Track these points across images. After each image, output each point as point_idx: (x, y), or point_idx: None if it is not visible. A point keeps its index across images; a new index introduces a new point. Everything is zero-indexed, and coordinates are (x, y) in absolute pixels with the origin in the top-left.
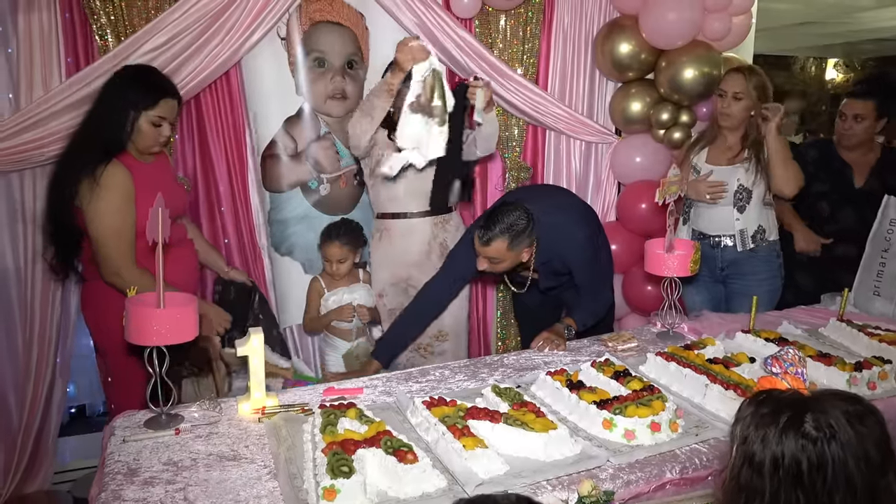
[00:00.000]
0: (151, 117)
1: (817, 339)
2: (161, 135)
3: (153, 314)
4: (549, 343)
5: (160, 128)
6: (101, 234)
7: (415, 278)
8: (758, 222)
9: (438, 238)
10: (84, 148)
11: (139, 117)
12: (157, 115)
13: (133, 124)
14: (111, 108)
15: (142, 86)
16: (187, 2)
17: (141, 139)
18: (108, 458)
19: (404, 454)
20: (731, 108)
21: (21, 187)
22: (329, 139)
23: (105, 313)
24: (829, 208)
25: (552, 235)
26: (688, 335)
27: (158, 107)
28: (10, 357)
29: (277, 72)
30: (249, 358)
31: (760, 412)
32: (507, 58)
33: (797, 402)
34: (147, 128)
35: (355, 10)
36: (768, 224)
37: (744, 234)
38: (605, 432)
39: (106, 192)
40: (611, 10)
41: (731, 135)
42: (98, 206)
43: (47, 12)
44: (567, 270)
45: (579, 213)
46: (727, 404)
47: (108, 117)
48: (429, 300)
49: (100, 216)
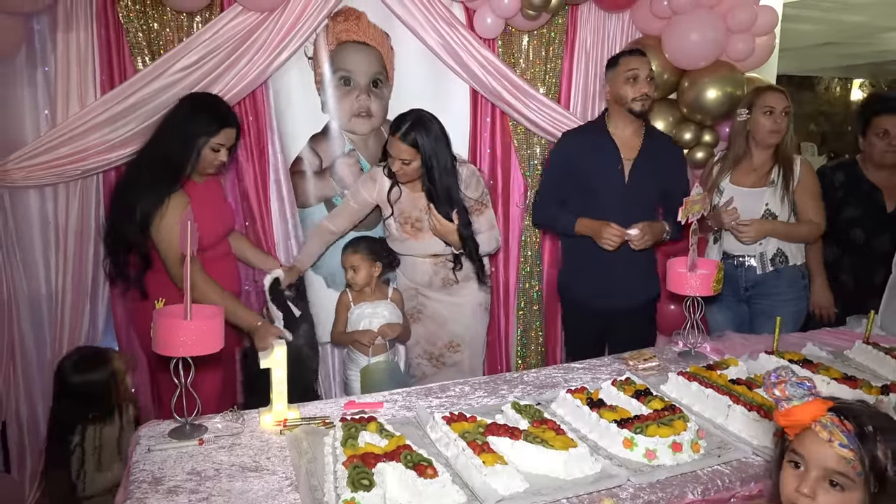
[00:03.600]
0: (213, 144)
1: (843, 361)
2: (217, 159)
3: (180, 325)
4: (645, 231)
5: (218, 153)
6: (169, 255)
7: (423, 289)
8: (777, 245)
9: (440, 274)
10: (151, 174)
11: (203, 146)
12: (217, 143)
13: (200, 151)
14: (178, 136)
15: (206, 114)
16: (218, 22)
17: (200, 163)
18: (134, 467)
19: (424, 469)
20: (783, 123)
21: (55, 201)
22: (354, 156)
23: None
24: (864, 236)
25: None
26: (710, 355)
27: (220, 135)
28: (39, 369)
29: (304, 90)
30: (272, 370)
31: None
32: (530, 77)
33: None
34: (207, 153)
35: (381, 30)
36: (790, 248)
37: (763, 257)
38: (626, 451)
39: (169, 215)
40: (633, 31)
41: (763, 153)
42: (162, 228)
43: (84, 32)
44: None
45: None
46: (750, 426)
47: (174, 144)
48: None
49: (165, 239)
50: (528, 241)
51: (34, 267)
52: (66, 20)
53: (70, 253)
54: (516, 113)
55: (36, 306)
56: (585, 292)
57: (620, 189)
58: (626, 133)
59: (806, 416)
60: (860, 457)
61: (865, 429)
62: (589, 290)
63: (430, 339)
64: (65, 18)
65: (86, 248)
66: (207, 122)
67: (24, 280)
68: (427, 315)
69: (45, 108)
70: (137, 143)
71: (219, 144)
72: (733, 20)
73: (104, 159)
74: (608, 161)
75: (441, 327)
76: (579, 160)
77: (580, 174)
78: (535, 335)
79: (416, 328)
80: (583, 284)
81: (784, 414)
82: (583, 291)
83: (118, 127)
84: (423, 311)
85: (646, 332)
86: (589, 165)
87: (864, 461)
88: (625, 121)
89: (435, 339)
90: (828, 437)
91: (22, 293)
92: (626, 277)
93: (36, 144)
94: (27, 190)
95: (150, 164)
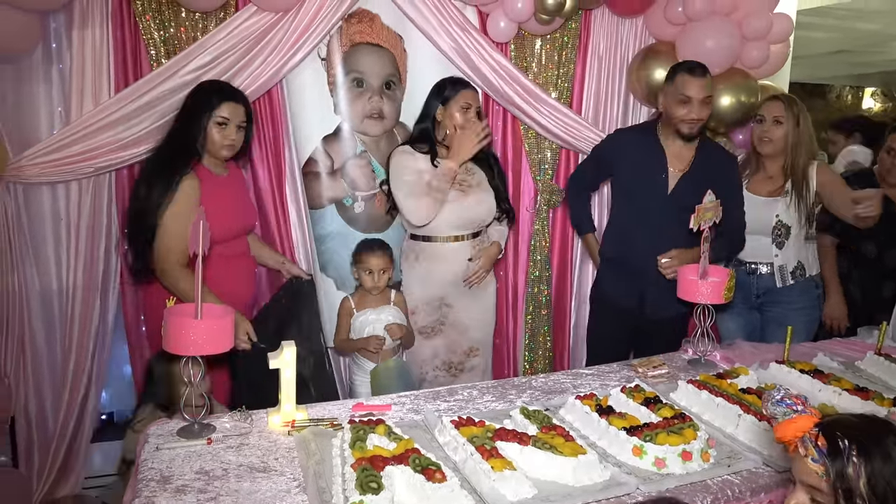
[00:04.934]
0: (217, 118)
1: (854, 372)
2: (226, 138)
3: (190, 325)
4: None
5: (224, 129)
6: (163, 233)
7: (450, 296)
8: (797, 258)
9: (475, 259)
10: (163, 161)
11: (208, 122)
12: (221, 116)
13: (204, 130)
14: (184, 117)
15: (208, 90)
16: (232, 22)
17: (210, 143)
18: (142, 465)
19: (433, 473)
20: (771, 132)
21: (67, 198)
22: (365, 157)
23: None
24: (876, 250)
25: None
26: (720, 363)
27: (223, 107)
28: (49, 365)
29: (317, 91)
30: (281, 371)
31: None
32: (542, 81)
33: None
34: (212, 130)
35: (394, 32)
36: (808, 260)
37: (783, 270)
38: (635, 459)
39: (176, 201)
40: (646, 37)
41: (772, 164)
42: (167, 211)
43: (100, 30)
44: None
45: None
46: (760, 436)
47: (182, 126)
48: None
49: (167, 220)
50: (538, 246)
51: (46, 263)
52: (82, 18)
53: (81, 249)
54: (527, 118)
55: (47, 302)
56: (619, 300)
57: (662, 198)
58: (677, 144)
59: (790, 432)
60: (827, 471)
61: (840, 443)
62: (623, 298)
63: (451, 347)
64: (81, 17)
65: (97, 245)
66: (208, 96)
67: (36, 276)
68: (449, 325)
69: (60, 106)
70: (150, 141)
71: (223, 118)
72: (748, 27)
73: (116, 157)
74: (653, 168)
75: (462, 335)
76: (624, 160)
77: (622, 174)
78: (542, 340)
79: (435, 340)
80: (617, 292)
81: (775, 430)
82: (616, 299)
83: (131, 125)
84: (446, 321)
85: (676, 345)
86: (633, 168)
87: (831, 476)
88: (674, 134)
89: (455, 348)
90: (804, 453)
91: (33, 289)
92: (660, 288)
93: (49, 141)
94: (40, 186)
95: (161, 150)
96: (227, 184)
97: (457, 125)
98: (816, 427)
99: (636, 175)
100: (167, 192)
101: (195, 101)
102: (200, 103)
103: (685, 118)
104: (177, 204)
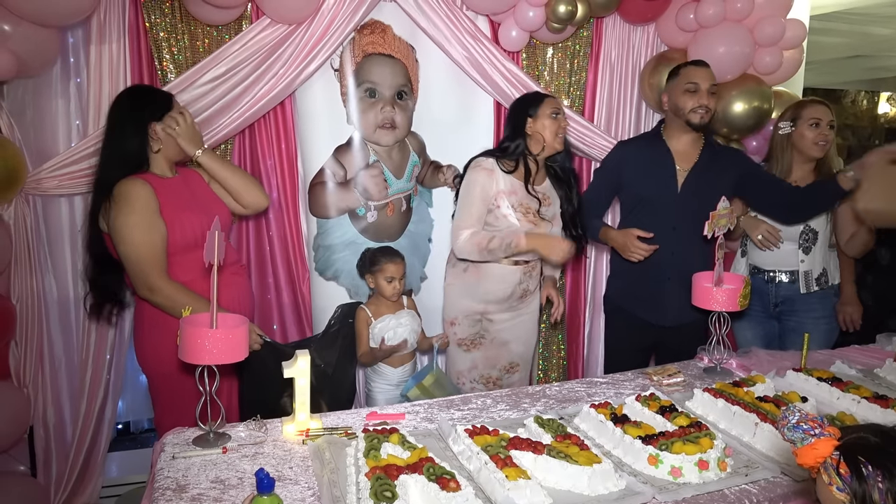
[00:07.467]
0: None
1: (873, 379)
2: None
3: (206, 334)
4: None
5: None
6: (129, 250)
7: (491, 313)
8: (822, 265)
9: (523, 284)
10: (104, 173)
11: (154, 128)
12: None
13: (149, 138)
14: (119, 131)
15: (141, 100)
16: (246, 35)
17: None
18: (158, 474)
19: (447, 482)
20: (830, 135)
21: (85, 210)
22: (378, 167)
23: (150, 332)
24: (888, 255)
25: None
26: (736, 372)
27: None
28: (68, 375)
29: (329, 102)
30: (295, 379)
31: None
32: (554, 89)
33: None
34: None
35: (406, 42)
36: (831, 268)
37: (808, 276)
38: (651, 468)
39: (126, 206)
40: (658, 44)
41: (804, 167)
42: (119, 223)
43: (117, 44)
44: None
45: None
46: (778, 445)
47: (121, 136)
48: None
49: (123, 233)
50: None
51: (63, 273)
52: (99, 33)
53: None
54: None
55: (64, 311)
56: (635, 306)
57: (672, 198)
58: (683, 143)
59: (811, 458)
60: (852, 501)
61: (864, 470)
62: (639, 304)
63: (490, 362)
64: (98, 31)
65: None
66: (148, 103)
67: (54, 286)
68: (489, 339)
69: (77, 119)
70: None
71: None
72: (761, 34)
73: None
74: (661, 170)
75: (501, 348)
76: (631, 169)
77: (632, 183)
78: (556, 349)
79: (474, 354)
80: (633, 298)
81: (796, 456)
82: (632, 305)
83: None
84: (486, 335)
85: (694, 352)
86: (642, 174)
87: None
88: (681, 131)
89: (495, 363)
90: (827, 481)
91: (51, 298)
92: (677, 294)
93: (67, 154)
94: (58, 198)
95: (103, 167)
96: (182, 182)
97: (546, 133)
98: (837, 451)
99: (645, 178)
100: (109, 206)
101: (132, 111)
102: (140, 112)
103: (695, 106)
104: (123, 215)
